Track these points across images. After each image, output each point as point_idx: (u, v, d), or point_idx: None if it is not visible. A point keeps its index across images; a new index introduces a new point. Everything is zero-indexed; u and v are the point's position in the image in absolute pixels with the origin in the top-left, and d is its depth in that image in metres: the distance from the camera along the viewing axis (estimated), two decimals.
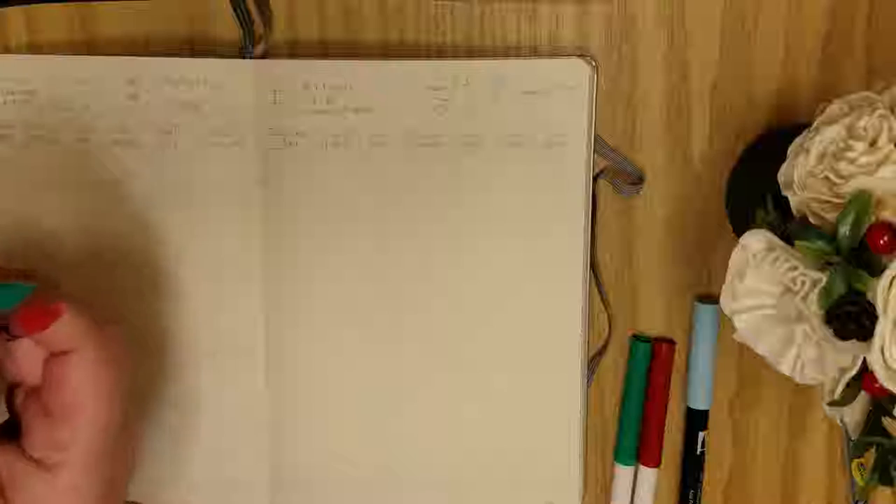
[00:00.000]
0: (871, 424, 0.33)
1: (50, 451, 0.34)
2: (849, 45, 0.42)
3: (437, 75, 0.41)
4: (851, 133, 0.31)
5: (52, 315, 0.33)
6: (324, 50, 0.43)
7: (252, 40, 0.43)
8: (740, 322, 0.34)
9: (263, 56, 0.43)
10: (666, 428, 0.45)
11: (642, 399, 0.45)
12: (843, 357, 0.31)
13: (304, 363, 0.44)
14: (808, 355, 0.33)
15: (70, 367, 0.34)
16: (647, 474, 0.45)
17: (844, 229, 0.30)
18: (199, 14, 0.43)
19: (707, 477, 0.45)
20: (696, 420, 0.45)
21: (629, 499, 0.46)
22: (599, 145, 0.43)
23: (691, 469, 0.45)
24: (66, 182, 0.43)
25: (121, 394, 0.35)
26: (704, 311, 0.43)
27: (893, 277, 0.29)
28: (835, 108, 0.33)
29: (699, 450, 0.45)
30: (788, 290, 0.32)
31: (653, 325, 0.45)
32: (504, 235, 0.42)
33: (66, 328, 0.34)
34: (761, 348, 0.34)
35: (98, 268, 0.43)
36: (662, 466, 0.45)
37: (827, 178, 0.31)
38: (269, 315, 0.44)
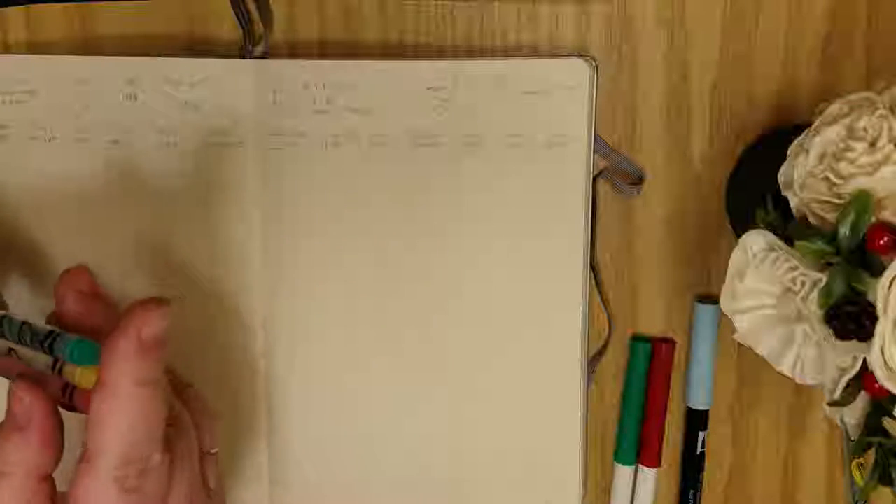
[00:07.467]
0: (871, 424, 0.33)
1: None
2: (849, 45, 0.42)
3: (437, 75, 0.41)
4: (851, 133, 0.31)
5: None
6: (324, 50, 0.43)
7: (252, 40, 0.43)
8: (740, 322, 0.34)
9: (263, 56, 0.43)
10: (666, 428, 0.45)
11: (642, 399, 0.45)
12: (843, 357, 0.31)
13: (304, 364, 0.44)
14: (808, 355, 0.33)
15: None
16: (647, 474, 0.45)
17: (844, 229, 0.30)
18: (199, 14, 0.43)
19: (707, 477, 0.45)
20: (696, 420, 0.45)
21: (629, 499, 0.46)
22: (599, 145, 0.42)
23: (691, 469, 0.45)
24: (65, 183, 0.43)
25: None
26: (704, 311, 0.43)
27: (893, 277, 0.29)
28: (835, 108, 0.33)
29: (699, 450, 0.45)
30: (788, 290, 0.32)
31: (653, 325, 0.45)
32: (504, 235, 0.42)
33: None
34: (761, 348, 0.34)
35: (96, 268, 0.43)
36: (662, 466, 0.45)
37: (827, 178, 0.31)
38: (270, 316, 0.44)
